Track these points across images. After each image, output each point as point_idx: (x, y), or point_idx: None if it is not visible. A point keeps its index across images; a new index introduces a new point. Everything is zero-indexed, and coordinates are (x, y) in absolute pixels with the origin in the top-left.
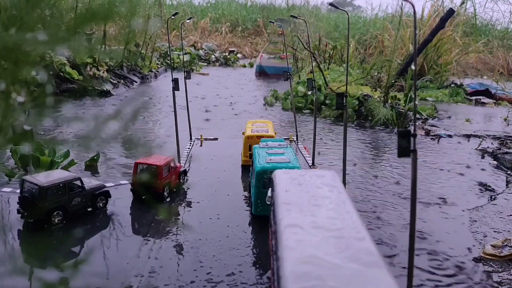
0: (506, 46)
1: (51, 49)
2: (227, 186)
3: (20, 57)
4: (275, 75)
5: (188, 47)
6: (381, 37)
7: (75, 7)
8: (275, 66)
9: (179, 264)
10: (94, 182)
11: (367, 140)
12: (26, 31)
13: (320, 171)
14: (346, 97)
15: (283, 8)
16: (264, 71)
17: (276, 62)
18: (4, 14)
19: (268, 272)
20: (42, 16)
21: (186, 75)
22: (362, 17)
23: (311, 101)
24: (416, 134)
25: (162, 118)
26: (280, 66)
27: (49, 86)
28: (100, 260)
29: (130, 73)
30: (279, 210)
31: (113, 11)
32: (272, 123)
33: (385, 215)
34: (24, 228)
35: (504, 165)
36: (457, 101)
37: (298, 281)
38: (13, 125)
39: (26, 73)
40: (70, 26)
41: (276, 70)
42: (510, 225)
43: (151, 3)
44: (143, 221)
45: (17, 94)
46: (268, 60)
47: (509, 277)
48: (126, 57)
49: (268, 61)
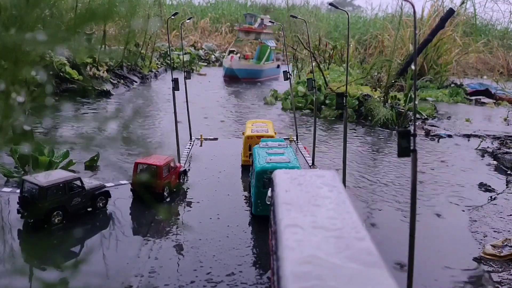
0: (506, 46)
1: (51, 49)
2: (227, 186)
3: (20, 57)
4: (247, 79)
5: (188, 47)
6: (381, 37)
7: (75, 7)
8: (247, 69)
9: (179, 264)
10: (94, 182)
11: (367, 140)
12: (26, 31)
13: (320, 171)
14: (346, 97)
15: (283, 8)
16: (235, 75)
17: (248, 65)
18: (4, 14)
19: (268, 272)
20: (42, 16)
21: (186, 75)
22: (362, 17)
23: (311, 101)
24: (416, 134)
25: (162, 118)
26: (253, 69)
27: (49, 86)
28: (100, 260)
29: (130, 73)
30: (279, 210)
31: (113, 11)
32: (272, 123)
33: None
34: (24, 228)
35: (504, 165)
36: (457, 101)
37: (298, 281)
38: (13, 125)
39: (26, 73)
40: (70, 26)
41: (249, 74)
42: (510, 225)
43: (151, 3)
44: (143, 221)
45: (17, 94)
46: (240, 62)
47: (509, 277)
48: (126, 57)
49: (240, 63)
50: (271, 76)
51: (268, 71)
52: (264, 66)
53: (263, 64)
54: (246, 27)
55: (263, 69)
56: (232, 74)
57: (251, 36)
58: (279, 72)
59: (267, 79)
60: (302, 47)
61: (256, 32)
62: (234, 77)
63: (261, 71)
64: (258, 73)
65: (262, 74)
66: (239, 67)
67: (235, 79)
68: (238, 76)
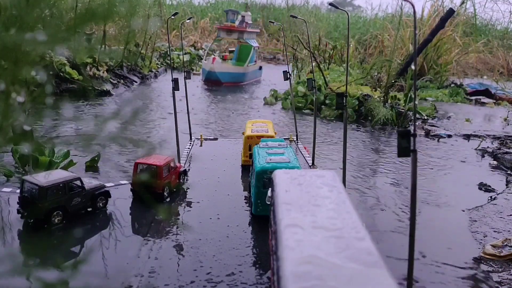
0: (506, 46)
1: (51, 49)
2: (227, 186)
3: (20, 57)
4: (231, 83)
5: (188, 47)
6: (381, 37)
7: (75, 7)
8: (231, 73)
9: (179, 264)
10: (94, 182)
11: (367, 139)
12: (26, 31)
13: (320, 171)
14: (346, 97)
15: (283, 8)
16: (217, 79)
17: (231, 68)
18: (4, 14)
19: (268, 272)
20: (42, 16)
21: (186, 75)
22: (362, 17)
23: (311, 101)
24: (416, 134)
25: (162, 118)
26: (237, 72)
27: (49, 86)
28: (100, 260)
29: (130, 73)
30: (279, 210)
31: (113, 11)
32: (272, 123)
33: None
34: (24, 228)
35: (504, 165)
36: (457, 101)
37: (298, 281)
38: (13, 125)
39: (26, 73)
40: (70, 26)
41: (232, 78)
42: (510, 225)
43: (151, 3)
44: (143, 221)
45: (17, 94)
46: (223, 64)
47: (509, 277)
48: (126, 57)
49: (222, 65)
50: (253, 79)
51: (252, 73)
52: (248, 69)
53: (247, 67)
54: (228, 25)
55: (247, 72)
56: (214, 78)
57: (233, 35)
58: (261, 74)
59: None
60: (302, 47)
61: (239, 30)
62: (215, 81)
63: (245, 74)
64: (241, 77)
65: (245, 77)
66: (221, 71)
67: (217, 83)
68: (221, 81)
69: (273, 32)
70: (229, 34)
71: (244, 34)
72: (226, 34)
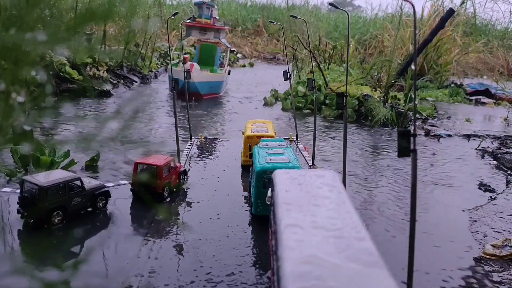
0: (506, 46)
1: (51, 49)
2: (227, 186)
3: (20, 57)
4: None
5: (188, 47)
6: (381, 37)
7: (75, 7)
8: (209, 82)
9: (179, 264)
10: (94, 182)
11: (367, 139)
12: (26, 31)
13: (320, 171)
14: (346, 97)
15: (283, 8)
16: (196, 91)
17: (210, 76)
18: (4, 14)
19: (268, 272)
20: (42, 16)
21: (186, 75)
22: (362, 17)
23: (311, 101)
24: (416, 134)
25: (162, 118)
26: (215, 81)
27: (49, 86)
28: (100, 260)
29: (130, 73)
30: (279, 210)
31: (113, 11)
32: (272, 123)
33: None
34: (24, 228)
35: (504, 165)
36: (457, 101)
37: (298, 281)
38: (13, 125)
39: (26, 73)
40: (70, 26)
41: (211, 88)
42: (510, 225)
43: (151, 3)
44: (143, 221)
45: (17, 94)
46: (202, 73)
47: (509, 277)
48: (126, 57)
49: (202, 74)
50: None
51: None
52: (224, 75)
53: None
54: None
55: (223, 80)
56: (192, 90)
57: (208, 35)
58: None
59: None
60: (302, 47)
61: (216, 29)
62: (194, 94)
63: (222, 83)
64: (219, 86)
65: (222, 86)
66: (200, 80)
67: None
68: (200, 93)
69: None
70: (203, 33)
71: (221, 34)
72: (199, 33)
